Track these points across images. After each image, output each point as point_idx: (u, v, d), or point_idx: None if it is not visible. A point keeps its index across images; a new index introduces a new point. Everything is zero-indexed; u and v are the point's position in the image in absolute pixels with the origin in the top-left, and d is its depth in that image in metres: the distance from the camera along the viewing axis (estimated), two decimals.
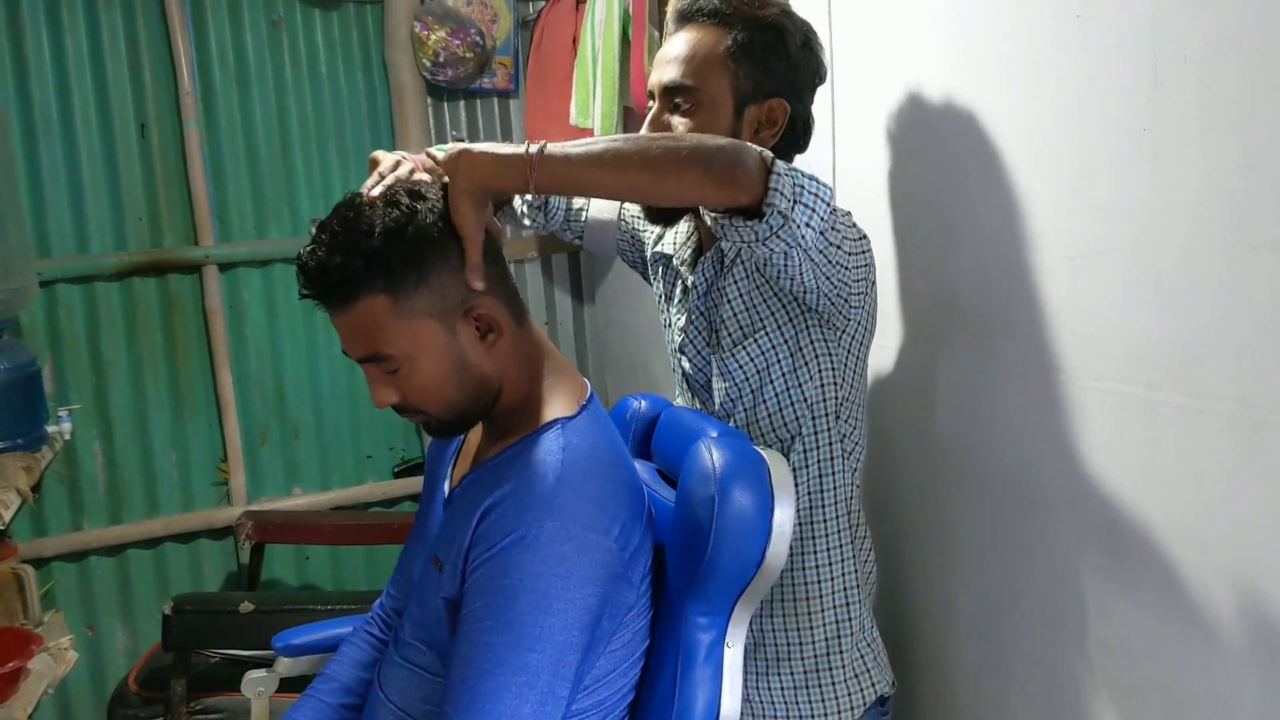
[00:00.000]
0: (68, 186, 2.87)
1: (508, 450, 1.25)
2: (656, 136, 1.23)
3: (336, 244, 1.14)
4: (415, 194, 1.17)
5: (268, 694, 1.75)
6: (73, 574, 2.97)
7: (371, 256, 1.13)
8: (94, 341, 2.93)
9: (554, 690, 1.11)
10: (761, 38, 1.42)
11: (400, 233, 1.14)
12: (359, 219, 1.15)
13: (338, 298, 1.16)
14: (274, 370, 3.14)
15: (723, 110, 1.43)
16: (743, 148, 1.19)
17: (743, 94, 1.43)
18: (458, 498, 1.29)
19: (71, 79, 2.85)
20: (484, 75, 3.17)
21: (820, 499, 1.49)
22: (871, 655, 1.52)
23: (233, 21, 3.01)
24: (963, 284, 1.50)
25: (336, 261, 1.13)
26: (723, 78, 1.42)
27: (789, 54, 1.44)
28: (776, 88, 1.44)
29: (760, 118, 1.45)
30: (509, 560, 1.12)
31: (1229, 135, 1.08)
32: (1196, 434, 1.15)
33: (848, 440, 1.50)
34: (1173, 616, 1.21)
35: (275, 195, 3.10)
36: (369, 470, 3.30)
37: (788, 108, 1.45)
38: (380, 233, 1.14)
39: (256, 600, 2.37)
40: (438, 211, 1.17)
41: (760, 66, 1.42)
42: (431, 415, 1.24)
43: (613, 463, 1.25)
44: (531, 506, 1.14)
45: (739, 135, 1.43)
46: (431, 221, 1.17)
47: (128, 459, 3.00)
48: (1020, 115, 1.37)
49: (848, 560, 1.50)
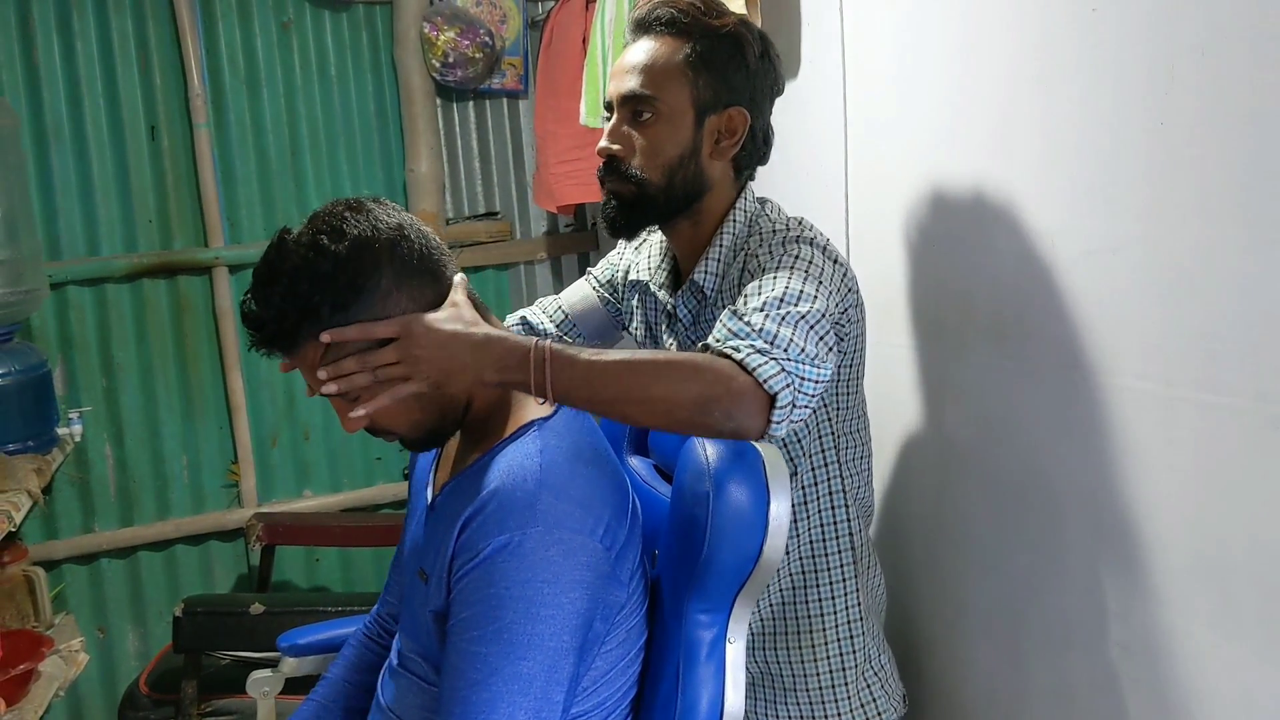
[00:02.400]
0: (78, 189, 2.87)
1: (485, 456, 1.22)
2: (666, 389, 1.14)
3: (267, 298, 1.13)
4: (336, 231, 1.15)
5: (273, 694, 1.74)
6: (84, 576, 2.97)
7: (303, 307, 1.12)
8: (104, 343, 2.93)
9: (549, 696, 1.10)
10: (720, 47, 1.41)
11: (327, 277, 1.13)
12: (283, 263, 1.14)
13: (283, 348, 1.16)
14: (283, 373, 3.12)
15: (683, 120, 1.42)
16: (743, 396, 1.13)
17: (703, 104, 1.42)
18: (440, 506, 1.28)
19: (82, 82, 2.85)
20: (493, 76, 3.17)
21: (822, 533, 1.49)
22: (879, 684, 1.51)
23: (242, 23, 3.01)
24: (976, 282, 1.49)
25: (270, 315, 1.13)
26: (682, 88, 1.41)
27: (747, 64, 1.43)
28: (735, 98, 1.43)
29: (720, 127, 1.43)
30: (494, 569, 1.10)
31: (1245, 129, 1.07)
32: (1214, 430, 1.14)
33: (850, 478, 1.49)
34: (1194, 617, 1.19)
35: (285, 196, 3.09)
36: (379, 472, 3.28)
37: (748, 117, 1.43)
38: (304, 280, 1.12)
39: (267, 602, 2.36)
40: (362, 245, 1.15)
41: (719, 76, 1.41)
42: (403, 435, 1.23)
43: (593, 459, 1.23)
44: (513, 513, 1.12)
45: (699, 146, 1.43)
46: (358, 260, 1.14)
47: (138, 461, 2.99)
48: (1033, 110, 1.36)
49: (851, 594, 1.49)
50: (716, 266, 1.46)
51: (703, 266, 1.46)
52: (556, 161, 2.87)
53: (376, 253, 1.15)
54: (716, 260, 1.46)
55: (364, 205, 1.19)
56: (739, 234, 1.46)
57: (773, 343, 1.17)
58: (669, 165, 1.43)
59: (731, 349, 1.17)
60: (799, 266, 1.30)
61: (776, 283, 1.27)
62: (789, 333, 1.18)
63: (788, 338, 1.17)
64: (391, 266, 1.16)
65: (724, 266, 1.46)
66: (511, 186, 3.34)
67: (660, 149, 1.42)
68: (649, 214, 1.47)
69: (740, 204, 1.47)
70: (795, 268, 1.30)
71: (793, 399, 1.15)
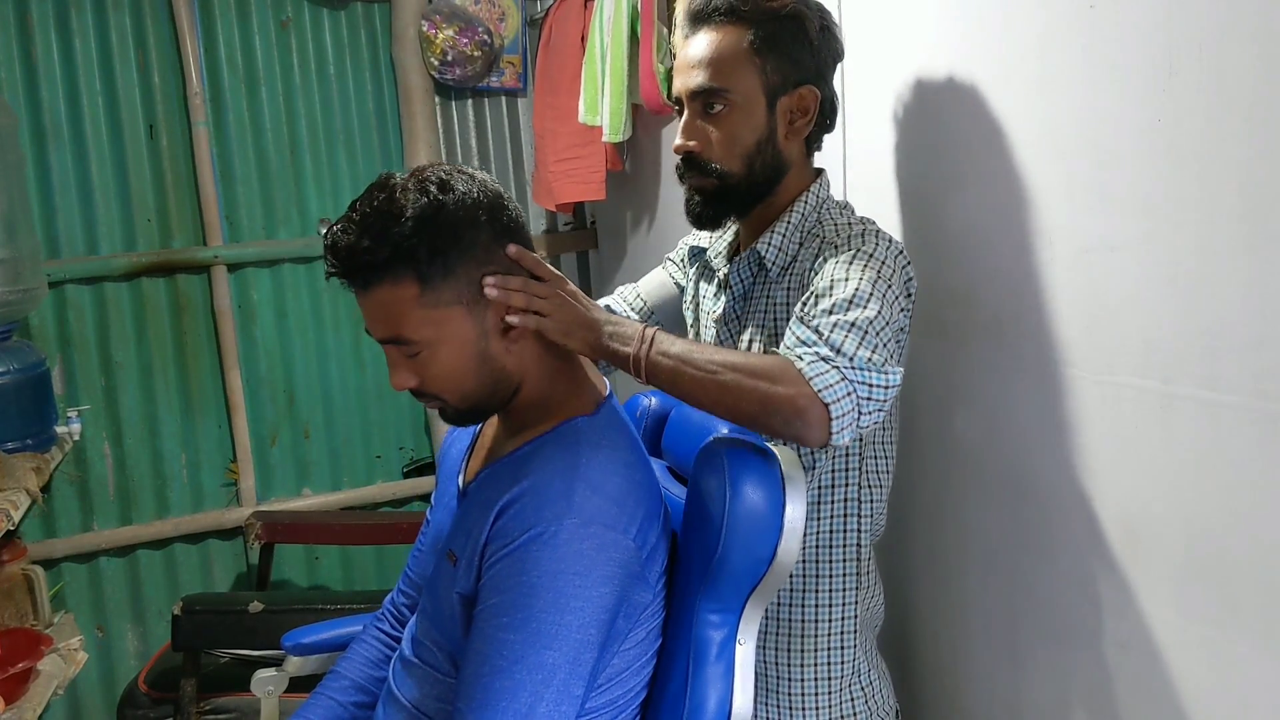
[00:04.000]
0: (77, 188, 2.87)
1: (526, 446, 1.24)
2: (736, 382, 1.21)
3: (366, 227, 1.15)
4: (444, 184, 1.18)
5: (277, 693, 1.74)
6: (83, 575, 2.97)
7: (399, 244, 1.14)
8: (103, 342, 2.93)
9: (569, 689, 1.11)
10: (782, 28, 1.42)
11: (430, 221, 1.15)
12: (390, 203, 1.16)
13: (363, 281, 1.17)
14: (283, 370, 3.14)
15: (756, 107, 1.43)
16: (805, 410, 1.18)
17: (773, 88, 1.43)
18: (473, 493, 1.29)
19: (80, 81, 2.85)
20: (492, 74, 3.16)
21: (830, 539, 1.48)
22: (863, 698, 1.50)
23: (241, 22, 3.01)
24: (974, 279, 1.49)
25: (365, 245, 1.14)
26: (751, 75, 1.42)
27: (810, 40, 1.43)
28: (804, 75, 1.44)
29: (793, 107, 1.45)
30: (527, 557, 1.11)
31: (1246, 126, 1.07)
32: (1214, 427, 1.14)
33: (867, 489, 1.48)
34: (1193, 614, 1.19)
35: (284, 195, 3.09)
36: (379, 470, 3.29)
37: (818, 94, 1.45)
38: (410, 220, 1.14)
39: (266, 600, 2.36)
40: (468, 201, 1.18)
41: (786, 57, 1.42)
42: (448, 403, 1.24)
43: (631, 462, 1.24)
44: (550, 503, 1.14)
45: (775, 129, 1.44)
46: (462, 213, 1.17)
47: (137, 460, 2.99)
48: (1033, 108, 1.36)
49: (850, 605, 1.49)
50: (781, 241, 1.47)
51: (767, 238, 1.47)
52: (555, 160, 2.87)
53: (478, 210, 1.19)
54: (783, 235, 1.47)
55: (467, 170, 1.23)
56: (808, 215, 1.47)
57: (838, 351, 1.21)
58: (747, 153, 1.44)
59: (797, 356, 1.21)
60: (872, 265, 1.32)
61: (848, 284, 1.29)
62: (854, 343, 1.22)
63: (853, 348, 1.21)
64: (490, 227, 1.20)
65: (792, 244, 1.47)
66: (510, 185, 3.34)
67: (737, 139, 1.43)
68: (734, 204, 1.48)
69: (814, 187, 1.49)
70: (869, 265, 1.32)
71: (855, 406, 1.18)
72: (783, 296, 1.47)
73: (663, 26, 2.31)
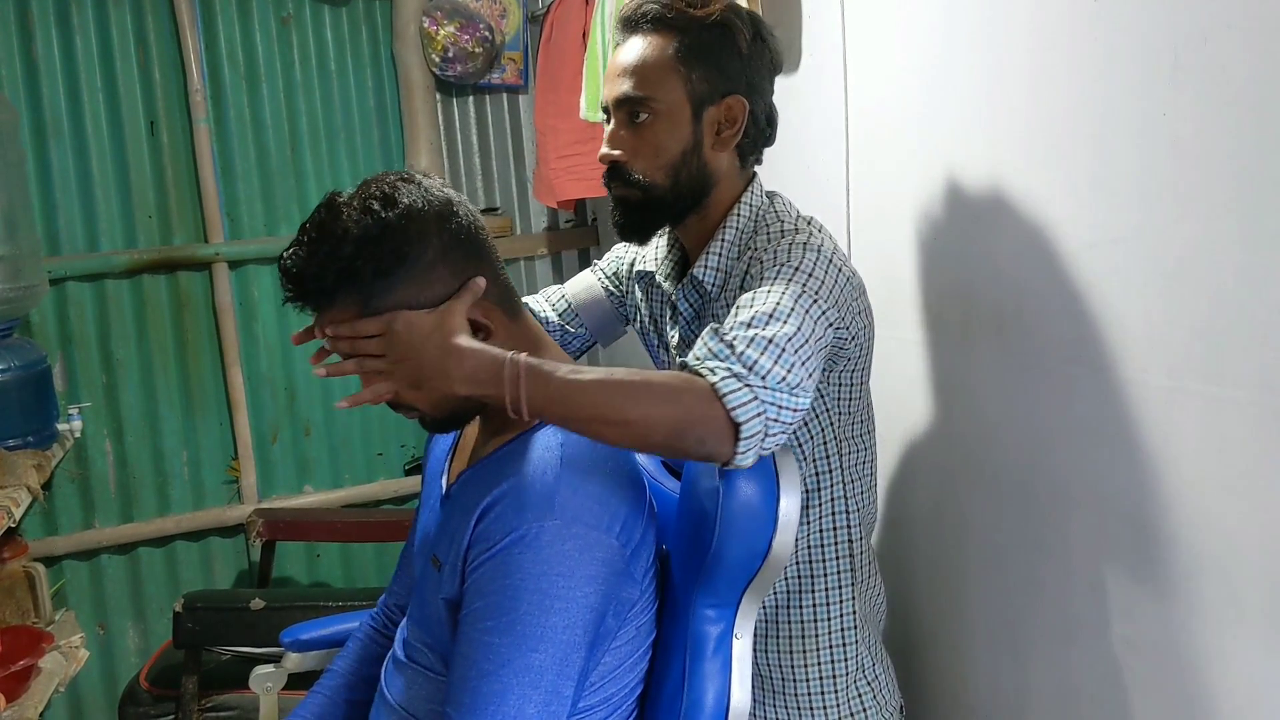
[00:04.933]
0: (77, 184, 2.86)
1: (505, 446, 1.23)
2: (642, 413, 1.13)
3: (312, 251, 1.14)
4: (389, 199, 1.16)
5: (275, 689, 1.74)
6: (84, 572, 2.97)
7: (344, 267, 1.13)
8: (104, 339, 2.93)
9: (559, 690, 1.10)
10: (708, 37, 1.39)
11: (373, 241, 1.14)
12: (335, 223, 1.14)
13: (314, 305, 1.17)
14: (284, 368, 3.13)
15: (680, 116, 1.40)
16: (714, 422, 1.12)
17: (698, 97, 1.40)
18: (455, 495, 1.28)
19: (81, 77, 2.84)
20: (493, 71, 3.16)
21: (820, 539, 1.48)
22: (871, 694, 1.50)
23: (242, 19, 3.00)
24: (977, 275, 1.49)
25: (311, 271, 1.14)
26: (676, 83, 1.39)
27: (739, 49, 1.40)
28: (731, 86, 1.41)
29: (720, 118, 1.41)
30: (510, 560, 1.11)
31: (1251, 118, 1.06)
32: (1219, 421, 1.13)
33: (852, 484, 1.48)
34: (1199, 612, 1.19)
35: (285, 192, 3.08)
36: (380, 468, 3.28)
37: (746, 104, 1.41)
38: (352, 242, 1.13)
39: (267, 597, 2.36)
40: (413, 214, 1.16)
41: (712, 66, 1.39)
42: (423, 414, 1.23)
43: (612, 455, 1.22)
44: (532, 505, 1.13)
45: (700, 140, 1.41)
46: (407, 228, 1.15)
47: (138, 457, 2.99)
48: (1035, 101, 1.35)
49: (847, 602, 1.48)
50: (718, 261, 1.44)
51: (703, 261, 1.45)
52: (556, 157, 2.87)
53: (424, 223, 1.17)
54: (718, 255, 1.44)
55: (415, 177, 1.21)
56: (744, 229, 1.44)
57: (751, 369, 1.15)
58: (672, 164, 1.41)
59: (708, 370, 1.15)
60: (797, 279, 1.27)
61: (769, 296, 1.24)
62: (769, 361, 1.16)
63: (768, 366, 1.15)
64: (439, 239, 1.17)
65: (728, 262, 1.44)
66: (512, 182, 3.33)
67: (661, 149, 1.40)
68: (659, 216, 1.45)
69: (747, 198, 1.45)
70: (794, 280, 1.27)
71: (764, 428, 1.13)
72: (725, 314, 1.40)
73: None
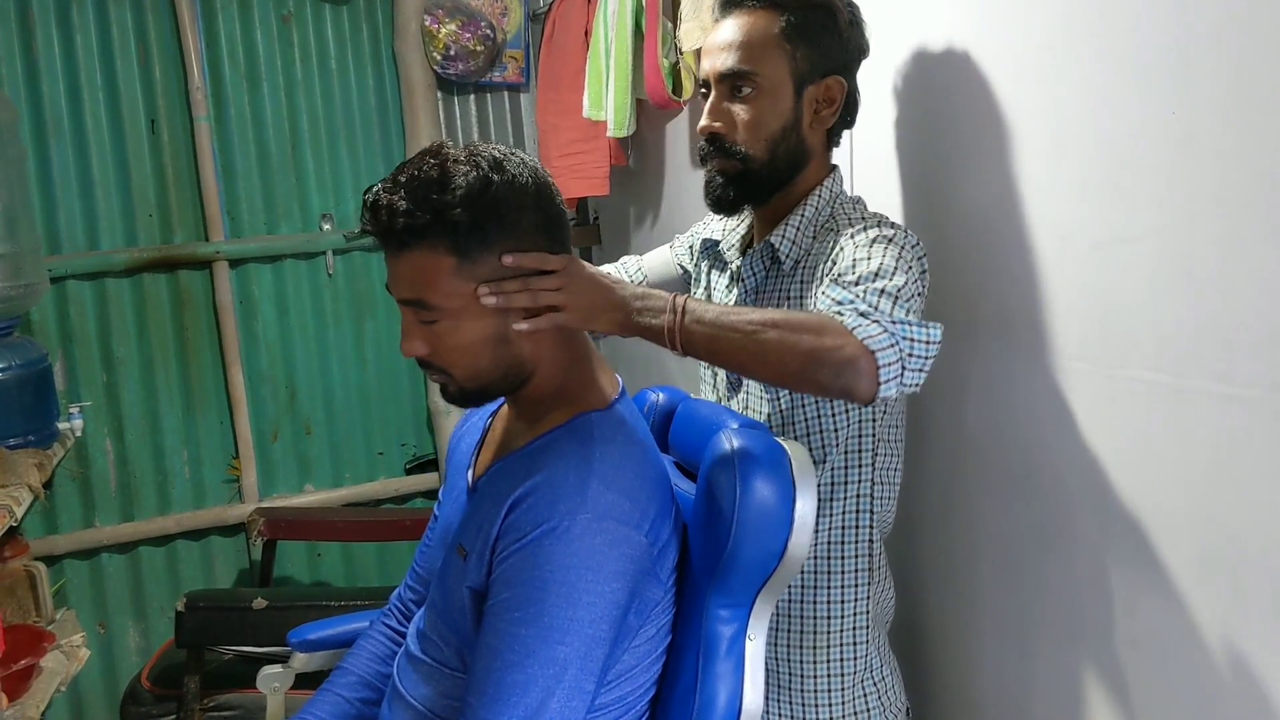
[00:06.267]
0: (78, 183, 2.87)
1: (539, 440, 1.24)
2: (779, 339, 1.18)
3: (411, 190, 1.14)
4: (497, 163, 1.17)
5: (283, 689, 1.74)
6: (84, 571, 2.97)
7: (442, 212, 1.13)
8: (105, 338, 2.93)
9: (580, 684, 1.10)
10: (813, 17, 1.42)
11: (477, 196, 1.14)
12: (440, 171, 1.15)
13: (398, 243, 1.16)
14: (285, 366, 3.13)
15: (783, 93, 1.43)
16: (854, 359, 1.15)
17: (800, 75, 1.43)
18: (484, 487, 1.28)
19: (81, 75, 2.84)
20: (494, 69, 3.16)
21: (841, 535, 1.48)
22: (876, 694, 1.50)
23: (242, 17, 3.00)
24: (983, 275, 1.48)
25: (405, 208, 1.13)
26: (780, 60, 1.42)
27: (839, 31, 1.44)
28: (831, 66, 1.44)
29: (819, 97, 1.45)
30: (539, 551, 1.11)
31: (1263, 117, 1.06)
32: (1228, 421, 1.13)
33: (879, 485, 1.48)
34: (1205, 611, 1.19)
35: (285, 191, 3.09)
36: (380, 467, 3.28)
37: (845, 85, 1.45)
38: (457, 191, 1.13)
39: (270, 597, 2.36)
40: (518, 184, 1.17)
41: (815, 46, 1.43)
42: (454, 379, 1.23)
43: (644, 457, 1.23)
44: (564, 498, 1.13)
45: (800, 117, 1.45)
46: (510, 194, 1.16)
47: (139, 456, 2.99)
48: (1042, 99, 1.35)
49: (861, 600, 1.49)
50: (795, 235, 1.47)
51: (780, 231, 1.47)
52: (558, 155, 2.86)
53: (525, 195, 1.18)
54: (796, 228, 1.47)
55: (519, 153, 1.22)
56: (821, 209, 1.48)
57: (876, 308, 1.21)
58: (772, 139, 1.44)
59: (836, 313, 1.21)
60: (895, 244, 1.32)
61: (871, 261, 1.29)
62: (889, 304, 1.22)
63: (888, 308, 1.22)
64: (534, 212, 1.19)
65: (805, 238, 1.47)
66: None
67: (763, 123, 1.44)
68: (755, 189, 1.48)
69: (828, 181, 1.49)
70: (891, 243, 1.32)
71: (899, 359, 1.17)
72: (797, 290, 1.46)
73: (667, 21, 2.30)
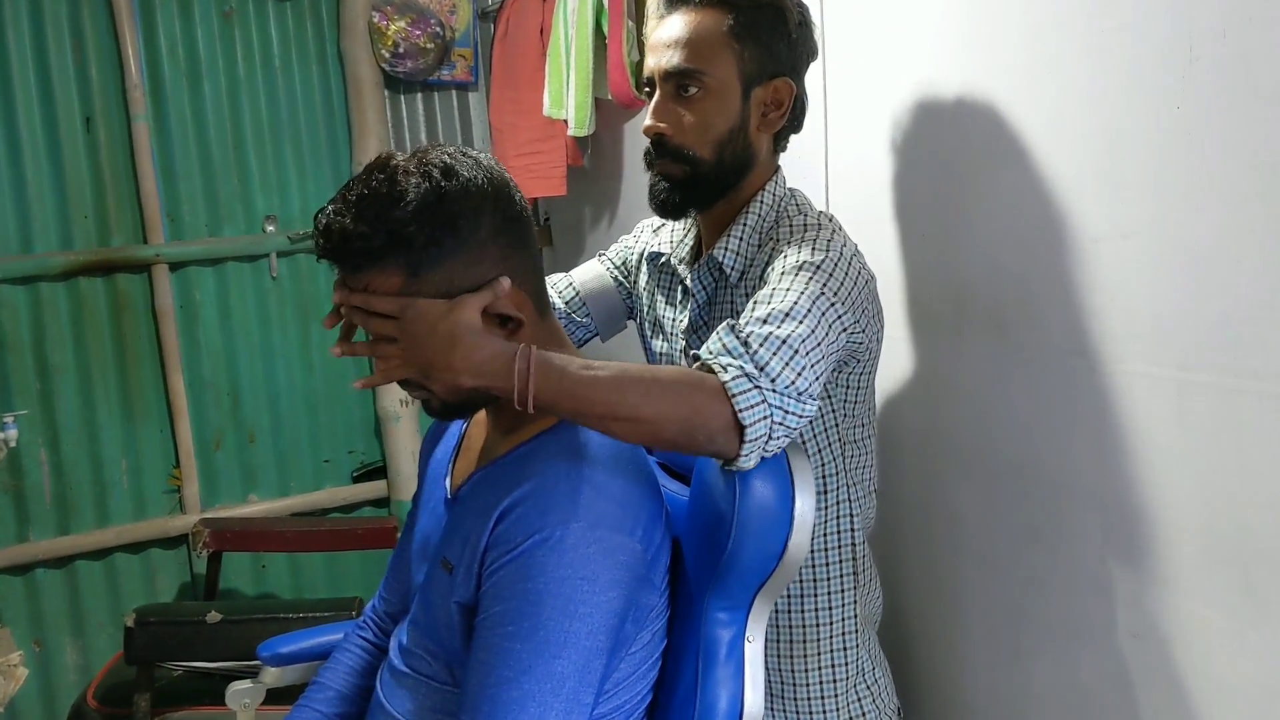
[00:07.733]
0: (10, 183, 2.75)
1: (523, 446, 1.20)
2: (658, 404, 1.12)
3: (362, 210, 1.09)
4: (449, 169, 1.12)
5: (254, 705, 1.67)
6: (19, 587, 2.85)
7: (396, 231, 1.08)
8: (39, 344, 2.82)
9: (579, 698, 1.07)
10: (762, 16, 1.38)
11: (430, 209, 1.09)
12: (390, 186, 1.10)
13: (353, 265, 1.11)
14: (228, 373, 3.05)
15: (731, 94, 1.39)
16: (723, 421, 1.12)
17: (748, 76, 1.39)
18: (465, 498, 1.24)
19: (14, 71, 2.73)
20: (443, 67, 3.11)
21: (824, 543, 1.47)
22: (870, 697, 1.49)
23: (182, 12, 2.91)
24: (973, 270, 1.48)
25: (360, 231, 1.08)
26: (728, 60, 1.38)
27: (789, 32, 1.40)
28: (780, 68, 1.41)
29: (767, 99, 1.41)
30: (532, 563, 1.07)
31: (1267, 111, 1.06)
32: (1232, 413, 1.14)
33: (856, 486, 1.47)
34: (1211, 603, 1.19)
35: (228, 191, 3.00)
36: (327, 475, 3.21)
37: (794, 87, 1.42)
38: (409, 206, 1.09)
39: (222, 610, 2.28)
40: (472, 189, 1.12)
41: (763, 46, 1.39)
42: (435, 395, 1.18)
43: (632, 460, 1.20)
44: (556, 506, 1.09)
45: (747, 119, 1.40)
46: (464, 201, 1.11)
47: (76, 466, 2.89)
48: (1041, 93, 1.35)
49: (849, 605, 1.48)
50: (739, 245, 1.43)
51: (723, 244, 1.44)
52: (515, 154, 2.82)
53: (481, 199, 1.13)
54: (739, 239, 1.43)
55: (471, 152, 1.17)
56: (765, 216, 1.44)
57: (762, 369, 1.15)
58: (719, 141, 1.40)
59: (720, 367, 1.15)
60: (817, 278, 1.27)
61: (788, 294, 1.24)
62: (780, 364, 1.16)
63: (778, 369, 1.15)
64: (492, 218, 1.14)
65: (749, 248, 1.43)
66: None
67: (710, 125, 1.39)
68: (701, 194, 1.43)
69: (770, 186, 1.45)
70: (814, 279, 1.27)
71: (768, 431, 1.13)
72: (742, 302, 1.42)
73: (630, 21, 2.27)
